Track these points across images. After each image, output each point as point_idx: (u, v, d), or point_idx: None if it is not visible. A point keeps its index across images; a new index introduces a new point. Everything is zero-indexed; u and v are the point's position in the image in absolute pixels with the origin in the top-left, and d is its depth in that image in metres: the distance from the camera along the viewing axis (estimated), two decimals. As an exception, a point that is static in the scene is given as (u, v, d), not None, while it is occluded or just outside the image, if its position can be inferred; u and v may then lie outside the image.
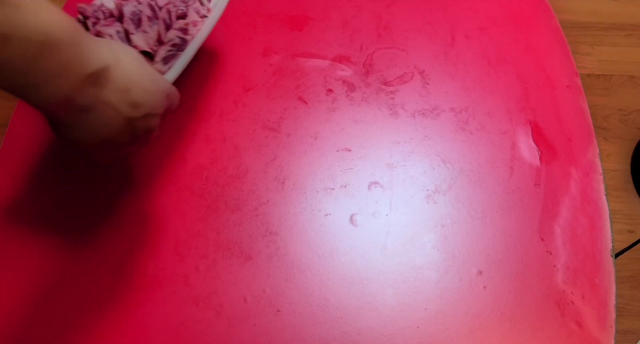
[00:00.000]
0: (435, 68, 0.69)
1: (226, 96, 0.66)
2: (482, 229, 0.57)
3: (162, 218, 0.57)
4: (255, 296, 0.53)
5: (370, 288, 0.54)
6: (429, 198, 0.59)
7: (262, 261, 0.55)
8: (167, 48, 0.57)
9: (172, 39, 0.57)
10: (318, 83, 0.67)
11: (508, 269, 0.55)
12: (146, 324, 0.52)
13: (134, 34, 0.56)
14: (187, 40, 0.58)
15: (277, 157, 0.61)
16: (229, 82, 0.67)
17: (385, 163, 0.61)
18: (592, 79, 1.52)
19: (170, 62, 0.57)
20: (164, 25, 0.57)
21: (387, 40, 0.71)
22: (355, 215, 0.58)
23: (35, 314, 0.52)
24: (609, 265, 0.55)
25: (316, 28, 0.72)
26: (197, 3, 0.61)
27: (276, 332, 0.51)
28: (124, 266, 0.54)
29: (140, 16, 0.57)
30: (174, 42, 0.57)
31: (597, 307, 0.53)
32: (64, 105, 0.38)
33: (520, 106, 0.66)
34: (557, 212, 0.58)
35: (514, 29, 0.73)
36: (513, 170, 0.61)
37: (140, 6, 0.58)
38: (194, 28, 0.58)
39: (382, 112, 0.65)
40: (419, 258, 0.55)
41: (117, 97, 0.41)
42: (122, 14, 0.57)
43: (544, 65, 0.69)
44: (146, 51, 0.56)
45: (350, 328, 0.52)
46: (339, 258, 0.55)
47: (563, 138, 0.63)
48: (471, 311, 0.53)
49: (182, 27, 0.58)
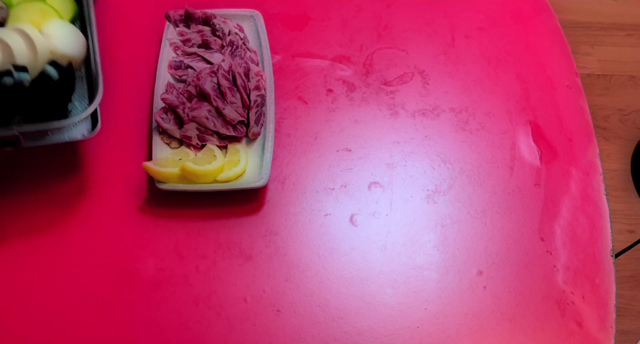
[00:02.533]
0: (435, 68, 0.69)
1: (226, 96, 0.66)
2: (482, 229, 0.57)
3: (162, 218, 0.57)
4: (255, 296, 0.53)
5: (370, 288, 0.54)
6: (429, 198, 0.59)
7: (262, 261, 0.55)
8: (255, 110, 0.60)
9: (255, 100, 0.61)
10: (318, 83, 0.67)
11: (508, 269, 0.55)
12: (146, 324, 0.52)
13: (224, 109, 0.59)
14: (264, 95, 0.61)
15: (277, 157, 0.61)
16: (229, 82, 0.67)
17: (385, 163, 0.61)
18: (592, 79, 1.52)
19: (260, 120, 0.60)
20: (243, 90, 0.60)
21: (387, 40, 0.71)
22: (355, 215, 0.58)
23: (35, 314, 0.52)
24: (609, 265, 0.55)
25: (316, 28, 0.72)
26: (246, 52, 0.64)
27: (276, 332, 0.51)
28: (124, 266, 0.54)
29: (222, 89, 0.60)
30: (257, 103, 0.60)
31: (597, 307, 0.53)
32: None
33: (520, 106, 0.66)
34: (557, 212, 0.58)
35: (514, 29, 0.73)
36: (513, 170, 0.61)
37: (215, 78, 0.60)
38: (262, 81, 0.62)
39: (382, 112, 0.65)
40: (419, 258, 0.55)
41: None
42: (203, 91, 0.59)
43: (544, 65, 0.69)
44: (241, 120, 0.60)
45: (350, 328, 0.52)
46: (339, 258, 0.55)
47: (563, 138, 0.63)
48: (471, 311, 0.53)
49: (256, 85, 0.61)
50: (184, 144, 0.59)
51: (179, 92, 0.61)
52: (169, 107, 0.60)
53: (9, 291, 0.53)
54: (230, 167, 0.57)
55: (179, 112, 0.59)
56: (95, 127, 0.54)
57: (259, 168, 0.57)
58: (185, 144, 0.59)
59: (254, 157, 0.59)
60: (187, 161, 0.55)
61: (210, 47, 0.65)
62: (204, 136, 0.59)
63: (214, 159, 0.57)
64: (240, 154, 0.59)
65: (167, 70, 0.63)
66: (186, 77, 0.62)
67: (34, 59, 0.53)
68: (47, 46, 0.54)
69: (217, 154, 0.58)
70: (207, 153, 0.58)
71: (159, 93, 0.61)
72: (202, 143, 0.59)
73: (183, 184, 0.56)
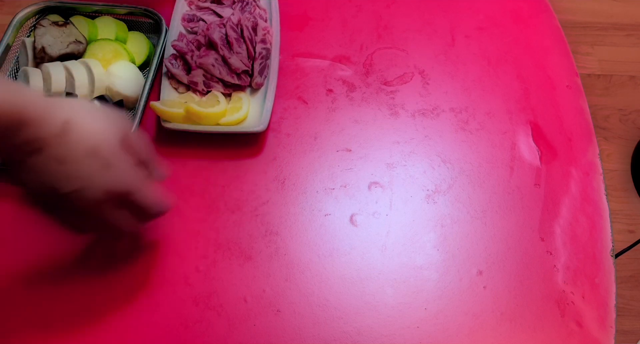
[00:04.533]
0: (435, 68, 0.69)
1: (226, 96, 0.66)
2: (482, 229, 0.57)
3: (162, 218, 0.57)
4: (255, 296, 0.53)
5: (370, 288, 0.54)
6: (429, 198, 0.59)
7: (262, 261, 0.55)
8: (259, 62, 0.64)
9: (260, 52, 0.65)
10: (318, 83, 0.67)
11: (508, 269, 0.55)
12: (146, 324, 0.52)
13: (230, 58, 0.63)
14: (270, 48, 0.65)
15: (277, 157, 0.61)
16: (229, 82, 0.67)
17: (385, 163, 0.61)
18: (592, 79, 1.52)
19: (265, 72, 0.64)
20: (250, 42, 0.65)
21: (387, 40, 0.71)
22: (355, 215, 0.58)
23: (35, 314, 0.52)
24: (609, 265, 0.55)
25: (316, 28, 0.72)
26: (256, 9, 0.69)
27: (276, 332, 0.51)
28: (124, 266, 0.54)
29: (230, 40, 0.64)
30: (262, 55, 0.65)
31: (597, 307, 0.53)
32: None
33: (520, 105, 0.66)
34: (557, 212, 0.58)
35: (514, 29, 0.73)
36: (513, 170, 0.61)
37: (224, 29, 0.65)
38: (269, 35, 0.66)
39: (382, 112, 0.65)
40: (419, 258, 0.55)
41: (49, 167, 0.40)
42: (211, 41, 0.64)
43: (544, 65, 0.69)
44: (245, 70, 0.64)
45: (350, 328, 0.52)
46: (339, 258, 0.55)
47: (563, 138, 0.63)
48: (471, 311, 0.53)
49: (262, 38, 0.66)
50: (190, 89, 0.64)
51: (188, 41, 0.65)
52: (179, 54, 0.64)
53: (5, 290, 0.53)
54: (233, 113, 0.61)
55: (187, 59, 0.64)
56: None
57: (260, 116, 0.61)
58: (192, 90, 0.64)
59: (256, 106, 0.63)
60: (192, 103, 0.59)
61: (222, 2, 0.71)
62: (209, 83, 0.63)
63: (218, 104, 0.61)
64: (243, 101, 0.63)
65: (180, 23, 0.68)
66: (197, 29, 0.67)
67: (91, 91, 0.61)
68: (106, 83, 0.62)
69: (220, 100, 0.62)
70: (211, 98, 0.62)
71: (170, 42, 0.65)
72: (207, 89, 0.64)
73: (187, 124, 0.60)
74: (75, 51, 0.62)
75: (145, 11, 0.67)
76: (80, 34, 0.63)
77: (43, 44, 0.61)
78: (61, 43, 0.62)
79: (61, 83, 0.60)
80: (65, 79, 0.60)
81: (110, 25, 0.67)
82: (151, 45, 0.67)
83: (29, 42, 0.63)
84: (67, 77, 0.60)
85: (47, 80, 0.60)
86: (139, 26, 0.69)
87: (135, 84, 0.62)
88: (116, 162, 0.42)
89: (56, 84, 0.60)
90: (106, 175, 0.42)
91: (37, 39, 0.62)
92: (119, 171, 0.42)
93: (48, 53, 0.61)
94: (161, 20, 0.66)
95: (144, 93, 0.61)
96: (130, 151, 0.44)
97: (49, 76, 0.60)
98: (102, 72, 0.62)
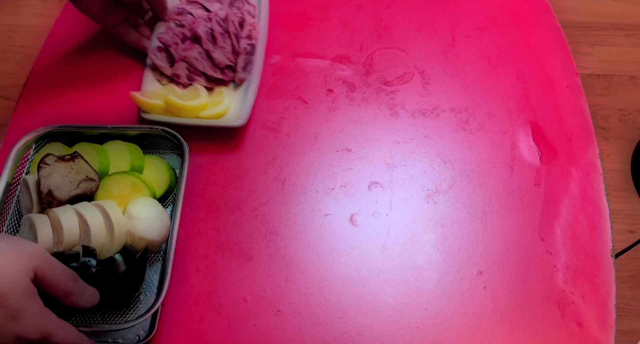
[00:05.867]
0: (435, 68, 0.69)
1: (226, 96, 0.66)
2: (482, 229, 0.57)
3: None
4: (255, 296, 0.53)
5: (370, 288, 0.54)
6: (429, 198, 0.59)
7: (262, 261, 0.55)
8: (243, 57, 0.64)
9: (245, 47, 0.65)
10: (318, 83, 0.67)
11: (508, 269, 0.55)
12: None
13: (214, 52, 0.63)
14: (255, 44, 0.65)
15: (277, 157, 0.61)
16: (229, 82, 0.67)
17: (385, 163, 0.61)
18: (592, 79, 1.52)
19: (248, 67, 0.64)
20: (235, 37, 0.65)
21: (387, 40, 0.71)
22: (355, 215, 0.58)
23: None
24: (609, 265, 0.55)
25: (316, 28, 0.72)
26: (245, 5, 0.69)
27: (276, 332, 0.51)
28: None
29: (214, 34, 0.64)
30: (247, 50, 0.65)
31: (597, 307, 0.53)
32: None
33: (520, 106, 0.66)
34: (557, 212, 0.58)
35: (514, 29, 0.73)
36: (513, 170, 0.61)
37: (210, 24, 0.65)
38: (255, 31, 0.66)
39: (382, 112, 0.65)
40: (419, 258, 0.55)
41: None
42: (196, 34, 0.64)
43: (544, 65, 0.69)
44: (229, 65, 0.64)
45: (350, 328, 0.52)
46: (339, 258, 0.55)
47: (563, 138, 0.63)
48: (471, 311, 0.53)
49: (248, 34, 0.66)
50: (173, 82, 0.64)
51: (174, 34, 0.65)
52: (164, 46, 0.64)
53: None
54: (213, 107, 0.61)
55: (171, 51, 0.64)
56: (153, 329, 0.50)
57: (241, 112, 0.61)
58: (174, 82, 0.64)
59: (239, 101, 0.63)
60: (172, 95, 0.59)
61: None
62: (192, 76, 0.63)
63: (198, 97, 0.61)
64: (225, 96, 0.63)
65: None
66: (185, 22, 0.66)
67: (110, 241, 0.51)
68: (126, 228, 0.52)
69: (202, 93, 0.62)
70: (192, 91, 0.62)
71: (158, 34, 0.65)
72: (190, 82, 0.63)
73: (166, 116, 0.59)
74: (88, 191, 0.53)
75: (164, 132, 0.58)
76: (91, 169, 0.53)
77: (50, 187, 0.51)
78: (70, 183, 0.52)
79: (74, 233, 0.50)
80: (79, 228, 0.50)
81: (123, 152, 0.57)
82: (172, 171, 0.57)
83: (32, 181, 0.53)
84: (81, 225, 0.50)
85: (58, 230, 0.50)
86: (153, 144, 0.60)
87: (160, 225, 0.52)
88: (25, 311, 0.39)
89: (68, 234, 0.49)
90: (15, 325, 0.38)
91: (43, 181, 0.51)
92: (29, 319, 0.39)
93: (56, 197, 0.51)
94: (182, 141, 0.57)
95: (172, 239, 0.51)
96: (47, 285, 0.41)
97: (59, 226, 0.50)
98: (121, 216, 0.52)
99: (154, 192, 0.55)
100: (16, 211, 0.55)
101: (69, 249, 0.49)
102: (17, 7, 1.65)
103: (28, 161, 0.57)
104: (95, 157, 0.55)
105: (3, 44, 1.57)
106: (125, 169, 0.56)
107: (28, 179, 0.53)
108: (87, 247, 0.49)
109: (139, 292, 0.51)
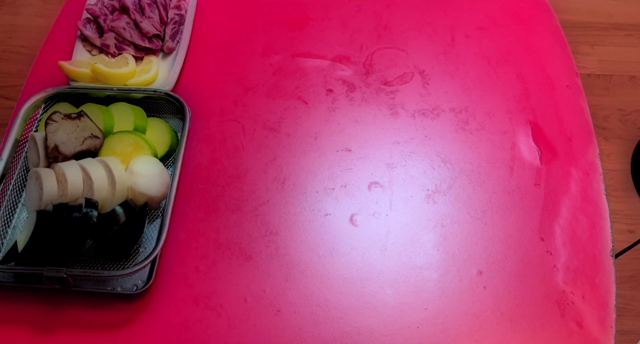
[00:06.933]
0: (435, 68, 0.69)
1: (226, 96, 0.66)
2: (482, 229, 0.57)
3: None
4: (255, 296, 0.53)
5: (370, 288, 0.54)
6: (429, 198, 0.59)
7: (262, 261, 0.55)
8: (171, 27, 0.68)
9: (172, 17, 0.69)
10: (318, 83, 0.67)
11: (508, 269, 0.55)
12: (146, 324, 0.52)
13: (142, 22, 0.67)
14: (184, 14, 0.70)
15: (277, 157, 0.61)
16: (229, 82, 0.67)
17: (385, 163, 0.61)
18: (592, 79, 1.52)
19: (177, 36, 0.68)
20: (162, 8, 0.69)
21: (387, 40, 0.71)
22: (355, 215, 0.58)
23: (34, 314, 0.52)
24: (609, 265, 0.55)
25: (316, 28, 0.72)
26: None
27: (276, 332, 0.51)
28: (124, 266, 0.54)
29: (142, 4, 0.68)
30: (175, 20, 0.68)
31: (597, 307, 0.53)
32: None
33: (520, 106, 0.66)
34: (557, 212, 0.58)
35: (514, 29, 0.73)
36: (513, 170, 0.61)
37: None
38: (184, 2, 0.70)
39: (382, 112, 0.65)
40: (419, 258, 0.55)
41: None
42: (125, 6, 0.67)
43: (544, 65, 0.69)
44: (156, 34, 0.67)
45: (350, 328, 0.52)
46: (339, 258, 0.55)
47: (563, 138, 0.63)
48: (471, 311, 0.53)
49: (177, 4, 0.70)
50: (103, 52, 0.66)
51: (103, 5, 0.69)
52: (92, 18, 0.68)
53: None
54: (141, 75, 0.64)
55: (100, 22, 0.67)
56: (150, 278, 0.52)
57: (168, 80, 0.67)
58: (104, 53, 0.66)
59: (167, 70, 0.66)
60: (99, 63, 0.61)
61: None
62: (121, 46, 0.66)
63: (126, 65, 0.63)
64: (153, 64, 0.66)
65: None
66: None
67: (112, 194, 0.53)
68: (128, 183, 0.54)
69: (130, 62, 0.64)
70: (120, 60, 0.65)
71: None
72: (119, 52, 0.66)
73: (93, 84, 0.62)
74: (92, 147, 0.56)
75: (166, 95, 0.61)
76: (96, 127, 0.56)
77: (56, 142, 0.54)
78: (75, 139, 0.55)
79: (78, 187, 0.52)
80: (82, 182, 0.53)
81: (127, 113, 0.60)
82: (173, 133, 0.60)
83: (39, 137, 0.56)
84: (85, 179, 0.53)
85: (62, 183, 0.52)
86: (156, 107, 0.63)
87: (160, 182, 0.55)
88: None
89: (72, 187, 0.52)
90: None
91: (50, 136, 0.54)
92: None
93: (62, 152, 0.54)
94: (183, 105, 0.60)
95: (171, 195, 0.53)
96: None
97: (64, 179, 0.52)
98: (123, 172, 0.54)
99: (155, 152, 0.58)
100: (24, 166, 0.58)
101: (73, 201, 0.52)
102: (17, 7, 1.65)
103: (37, 120, 0.61)
104: (100, 116, 0.59)
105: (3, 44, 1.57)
106: (129, 129, 0.59)
107: (36, 135, 0.57)
108: (89, 199, 0.52)
109: (138, 244, 0.54)
